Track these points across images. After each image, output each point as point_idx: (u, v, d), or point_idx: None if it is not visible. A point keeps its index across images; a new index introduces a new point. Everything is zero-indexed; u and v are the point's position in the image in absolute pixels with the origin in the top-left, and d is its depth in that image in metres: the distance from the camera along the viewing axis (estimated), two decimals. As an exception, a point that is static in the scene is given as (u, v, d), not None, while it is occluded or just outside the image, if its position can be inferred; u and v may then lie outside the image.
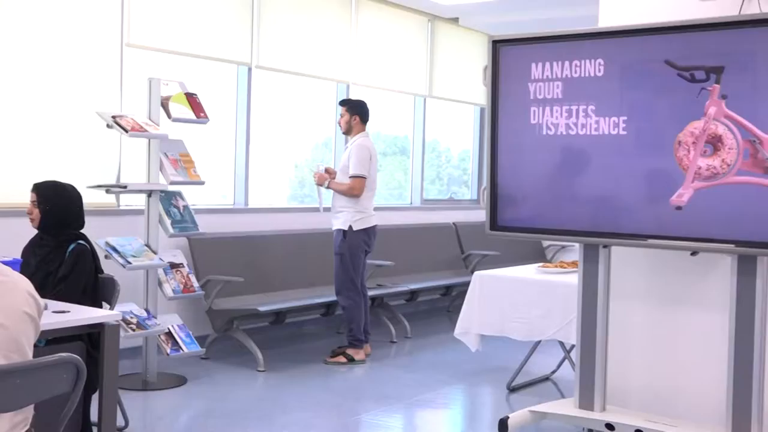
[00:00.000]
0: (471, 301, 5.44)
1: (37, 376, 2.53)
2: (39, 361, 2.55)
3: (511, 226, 4.37)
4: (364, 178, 6.26)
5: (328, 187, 6.35)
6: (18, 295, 2.63)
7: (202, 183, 5.77)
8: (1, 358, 2.51)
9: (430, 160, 9.52)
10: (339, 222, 6.32)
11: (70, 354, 2.60)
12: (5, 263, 2.84)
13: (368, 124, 6.48)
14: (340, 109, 6.52)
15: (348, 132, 6.49)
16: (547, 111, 4.15)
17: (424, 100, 9.16)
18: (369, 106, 6.53)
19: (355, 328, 6.37)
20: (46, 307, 2.84)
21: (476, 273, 5.54)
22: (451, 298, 8.71)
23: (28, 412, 2.62)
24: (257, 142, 7.27)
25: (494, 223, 4.37)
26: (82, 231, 4.21)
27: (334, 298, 6.50)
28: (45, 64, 5.67)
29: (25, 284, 2.69)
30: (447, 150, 10.30)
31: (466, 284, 5.76)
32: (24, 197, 4.27)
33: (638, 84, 4.00)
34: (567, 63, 4.08)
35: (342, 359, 6.32)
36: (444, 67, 9.29)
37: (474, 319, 5.40)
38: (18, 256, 4.01)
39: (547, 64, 4.13)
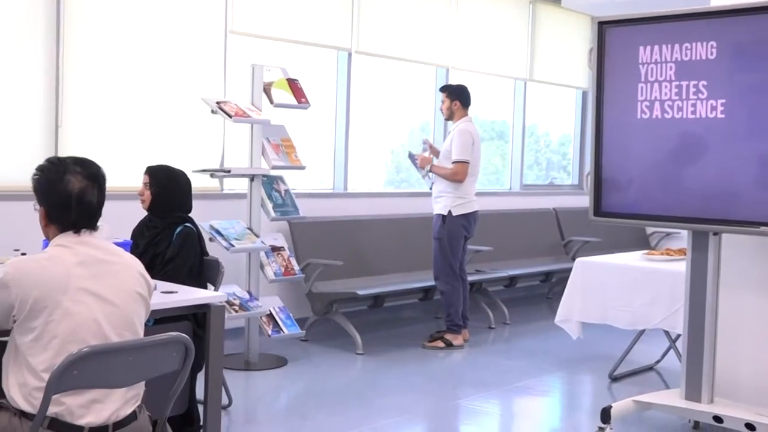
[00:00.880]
0: (572, 288, 5.35)
1: (148, 354, 2.62)
2: (150, 340, 2.64)
3: (616, 212, 4.27)
4: (467, 163, 6.22)
5: (430, 171, 6.33)
6: (130, 275, 2.72)
7: (303, 168, 5.85)
8: (114, 336, 2.61)
9: (528, 145, 9.39)
10: (439, 206, 6.31)
11: (179, 333, 2.67)
12: (117, 245, 2.94)
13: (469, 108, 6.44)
14: (441, 95, 6.48)
15: (450, 118, 6.45)
16: (655, 94, 4.03)
17: (525, 83, 9.03)
18: (469, 90, 6.48)
19: (453, 313, 6.36)
20: (155, 288, 2.92)
21: (578, 259, 5.45)
22: (551, 285, 8.60)
23: (140, 388, 2.71)
24: (355, 127, 7.31)
25: (598, 208, 4.29)
26: (189, 215, 4.31)
27: (432, 282, 6.49)
28: (153, 53, 5.83)
29: (137, 265, 2.78)
30: (546, 135, 10.14)
31: (566, 271, 5.68)
32: (133, 181, 4.40)
33: (752, 66, 3.84)
34: (677, 45, 3.95)
35: (440, 344, 6.32)
36: (545, 50, 9.14)
37: (575, 306, 5.32)
38: (128, 237, 4.15)
39: (656, 47, 4.02)
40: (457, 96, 6.39)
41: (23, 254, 3.78)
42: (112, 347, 2.54)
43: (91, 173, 2.67)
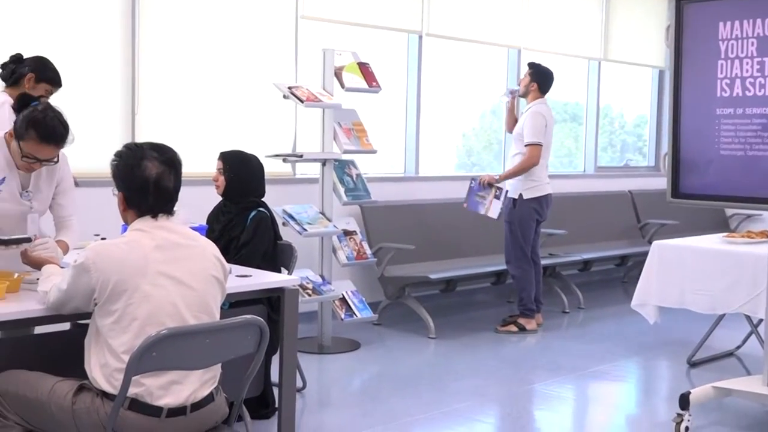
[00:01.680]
0: (649, 272, 5.25)
1: (224, 337, 2.66)
2: (226, 322, 2.68)
3: (694, 193, 4.17)
4: (540, 145, 6.13)
5: (502, 179, 6.19)
6: (206, 259, 2.76)
7: (375, 152, 5.86)
8: (191, 318, 2.65)
9: (602, 127, 9.22)
10: (510, 190, 6.25)
11: (254, 316, 2.71)
12: (193, 229, 2.99)
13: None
14: (527, 69, 6.39)
15: (524, 95, 6.37)
16: (736, 71, 3.91)
17: (599, 63, 8.87)
18: (553, 78, 6.37)
19: (525, 298, 6.30)
20: (230, 272, 2.96)
21: (655, 243, 5.34)
22: (627, 269, 8.46)
23: (216, 370, 2.76)
24: (426, 110, 7.28)
25: (676, 190, 4.19)
26: (263, 199, 4.36)
27: (504, 266, 6.45)
28: (225, 40, 5.90)
29: (213, 249, 2.82)
30: (620, 116, 9.94)
31: (643, 254, 5.57)
32: (207, 167, 4.46)
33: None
34: (759, 20, 3.82)
35: (513, 328, 6.28)
36: (620, 28, 8.95)
37: (652, 290, 5.22)
38: (203, 222, 4.21)
39: (737, 22, 3.89)
40: (538, 79, 6.28)
41: (103, 239, 3.88)
42: (190, 330, 2.59)
43: (168, 158, 2.72)
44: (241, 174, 4.29)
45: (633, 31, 9.11)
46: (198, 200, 4.35)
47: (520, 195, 6.17)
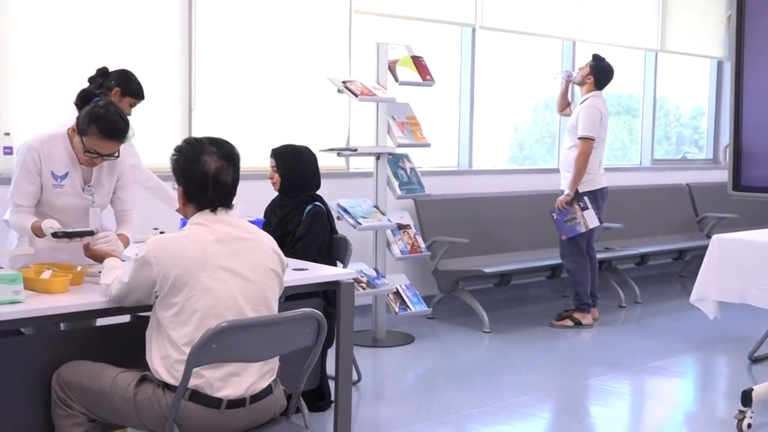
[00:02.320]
0: (709, 266, 5.15)
1: (282, 330, 2.68)
2: (284, 315, 2.70)
3: (757, 186, 4.08)
4: (592, 140, 6.05)
5: (572, 190, 6.04)
6: (264, 252, 2.78)
7: (429, 145, 5.85)
8: (250, 311, 2.68)
9: (657, 119, 9.07)
10: (565, 183, 6.18)
11: (312, 309, 2.72)
12: (250, 223, 3.01)
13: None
14: (589, 59, 6.31)
15: (580, 84, 6.28)
16: (800, 60, 3.82)
17: (656, 54, 8.73)
18: (613, 76, 6.27)
19: (581, 292, 6.24)
20: (287, 265, 2.98)
21: (715, 236, 5.23)
22: (684, 263, 8.33)
23: (275, 363, 2.78)
24: (479, 103, 7.23)
25: (737, 183, 4.11)
26: (318, 193, 4.38)
27: (559, 260, 6.39)
28: (280, 35, 5.93)
29: (270, 242, 2.84)
30: (675, 108, 9.77)
31: (701, 248, 5.48)
32: (262, 161, 4.49)
33: None
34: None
35: (569, 323, 6.22)
36: (677, 19, 8.78)
37: (712, 284, 5.12)
38: (260, 215, 4.25)
39: (801, 10, 3.80)
40: (597, 73, 6.17)
41: (161, 233, 3.94)
42: (249, 322, 2.61)
43: (226, 153, 2.74)
44: (295, 169, 4.31)
45: (691, 22, 8.93)
46: (254, 194, 4.38)
47: (576, 189, 6.10)
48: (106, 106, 3.21)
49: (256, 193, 4.44)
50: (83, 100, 3.30)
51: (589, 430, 4.33)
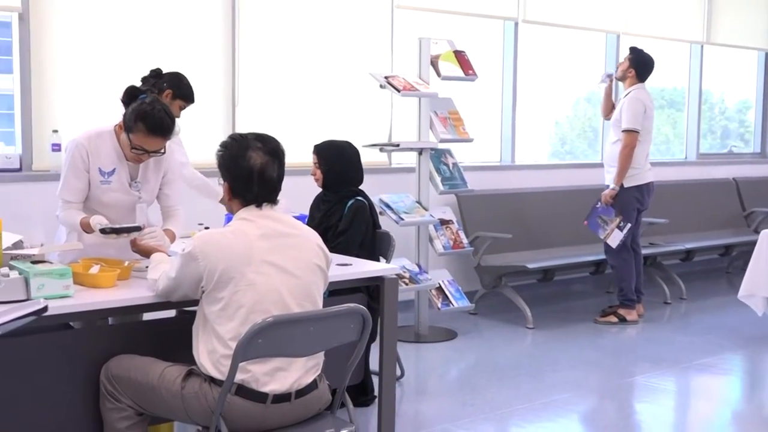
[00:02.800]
0: (757, 262, 5.07)
1: (327, 325, 2.68)
2: (330, 311, 2.70)
3: (808, 180, 3.99)
4: (636, 132, 5.97)
5: (617, 184, 5.98)
6: (309, 248, 2.79)
7: (471, 140, 5.81)
8: (295, 306, 2.68)
9: (702, 112, 8.92)
10: (610, 177, 6.10)
11: (357, 305, 2.72)
12: (294, 218, 3.02)
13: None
14: (627, 53, 6.23)
15: (621, 79, 6.21)
16: None
17: (701, 47, 8.59)
18: (654, 66, 6.18)
19: (625, 288, 6.17)
20: (331, 260, 2.97)
21: (763, 231, 5.15)
22: (731, 259, 8.20)
23: (320, 358, 2.78)
24: (521, 98, 7.18)
25: (788, 177, 4.02)
26: (361, 188, 4.37)
27: (603, 256, 6.32)
28: (322, 31, 5.94)
29: (315, 238, 2.85)
30: (720, 101, 9.60)
31: (748, 243, 5.40)
32: (306, 157, 4.50)
33: None
34: None
35: (613, 319, 6.15)
36: (724, 11, 8.63)
37: (761, 280, 5.04)
38: (303, 211, 4.26)
39: None
40: (637, 65, 6.10)
41: (206, 228, 3.97)
42: (295, 317, 2.61)
43: (272, 148, 2.75)
44: (337, 165, 4.31)
45: (738, 14, 8.77)
46: (297, 189, 4.39)
47: (621, 184, 6.03)
48: (152, 104, 3.23)
49: (299, 189, 4.45)
50: (130, 97, 3.33)
51: (635, 428, 4.28)
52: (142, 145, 3.24)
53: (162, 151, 3.32)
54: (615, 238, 6.00)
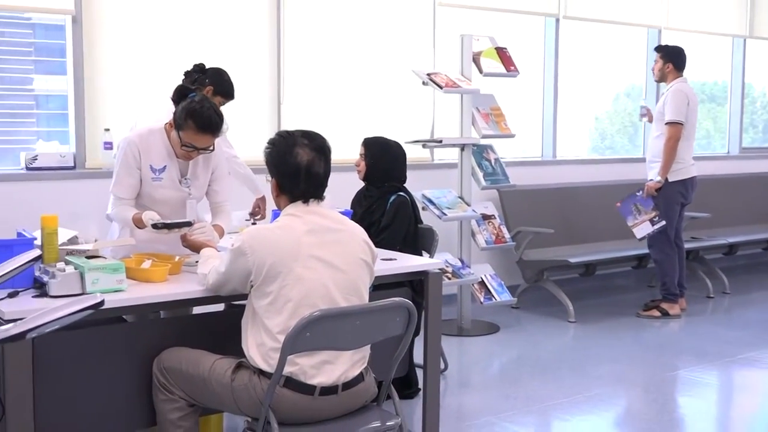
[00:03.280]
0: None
1: (374, 318, 2.68)
2: (376, 305, 2.70)
3: None
4: (681, 124, 5.89)
5: (663, 176, 5.89)
6: (355, 242, 2.79)
7: (513, 136, 5.78)
8: (342, 300, 2.69)
9: (744, 107, 8.75)
10: (653, 172, 6.03)
11: (403, 299, 2.72)
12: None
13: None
14: (655, 56, 6.17)
15: (661, 79, 6.14)
16: None
17: (744, 41, 8.43)
18: (685, 53, 6.12)
19: (668, 282, 6.09)
20: (377, 255, 2.98)
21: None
22: (774, 253, 8.06)
23: (366, 351, 2.79)
24: (562, 93, 7.11)
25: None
26: (404, 184, 4.37)
27: (646, 250, 6.25)
28: (365, 29, 5.94)
29: (361, 233, 2.85)
30: (762, 95, 9.42)
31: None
32: (349, 154, 4.51)
33: None
34: None
35: (656, 313, 6.08)
36: (766, 4, 8.46)
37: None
38: (347, 207, 4.27)
39: None
40: (671, 58, 6.05)
41: (254, 224, 4.00)
42: (341, 311, 2.62)
43: (318, 145, 2.76)
44: (382, 160, 4.31)
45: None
46: (340, 186, 4.40)
47: (666, 177, 5.95)
48: (201, 102, 3.26)
49: (341, 185, 4.46)
50: (180, 95, 3.37)
51: (679, 422, 4.22)
52: (192, 142, 3.27)
53: (211, 148, 3.35)
54: (642, 230, 5.93)
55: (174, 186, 3.44)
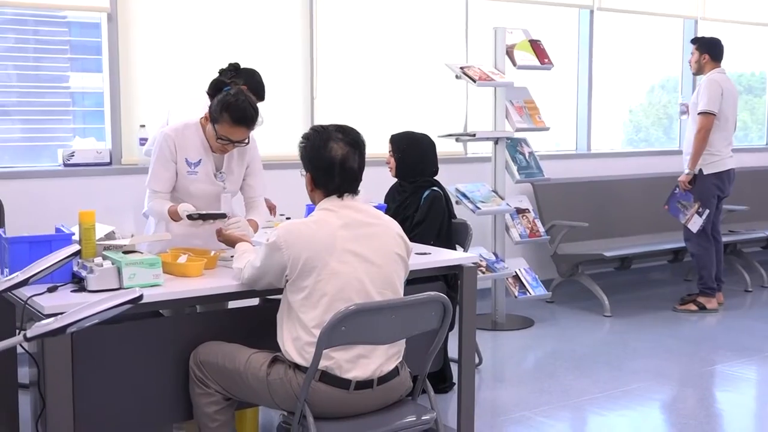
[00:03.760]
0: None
1: (409, 313, 2.68)
2: (411, 299, 2.69)
3: None
4: (712, 114, 5.80)
5: (692, 168, 5.82)
6: (390, 237, 2.79)
7: (547, 129, 5.74)
8: (377, 294, 2.69)
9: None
10: (687, 165, 5.95)
11: (438, 293, 2.71)
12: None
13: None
14: (691, 48, 6.09)
15: (699, 71, 6.05)
16: None
17: (783, 30, 8.30)
18: (722, 43, 6.03)
19: (705, 276, 6.01)
20: (412, 249, 2.97)
21: None
22: (814, 246, 7.92)
23: (401, 345, 2.78)
24: (596, 86, 7.05)
25: None
26: (436, 178, 4.36)
27: (682, 244, 6.18)
28: (396, 23, 5.92)
29: (396, 227, 2.84)
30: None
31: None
32: (382, 148, 4.50)
33: None
34: None
35: (692, 307, 6.01)
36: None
37: None
38: (381, 201, 4.26)
39: None
40: (708, 49, 5.96)
41: (288, 218, 4.01)
42: (377, 305, 2.62)
43: (353, 140, 2.76)
44: (410, 154, 4.30)
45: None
46: (374, 180, 4.40)
47: (700, 170, 5.87)
48: (236, 95, 3.27)
49: (375, 180, 4.45)
50: (215, 89, 3.38)
51: (717, 417, 4.17)
52: (227, 135, 3.28)
53: (246, 141, 3.36)
54: (695, 223, 5.86)
55: (209, 180, 3.45)
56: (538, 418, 4.01)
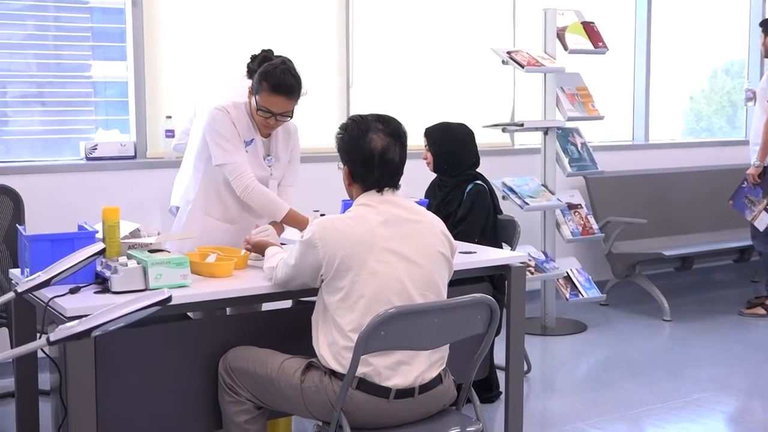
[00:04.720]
0: None
1: (453, 316, 2.66)
2: (455, 301, 2.68)
3: None
4: (783, 101, 5.72)
5: (762, 160, 5.75)
6: (433, 235, 2.77)
7: (602, 118, 5.70)
8: (418, 296, 2.68)
9: None
10: (756, 156, 5.87)
11: (484, 295, 2.69)
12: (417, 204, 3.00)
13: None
14: (760, 30, 5.99)
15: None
16: None
17: None
18: None
19: (774, 277, 5.95)
20: (456, 248, 2.95)
21: None
22: None
23: (444, 351, 2.77)
24: (654, 71, 6.97)
25: None
26: (481, 171, 4.33)
27: (749, 242, 6.11)
28: (438, 5, 5.90)
29: (439, 225, 2.83)
30: None
31: None
32: (422, 140, 4.49)
33: None
34: None
35: (760, 311, 5.95)
36: None
37: None
38: (421, 196, 4.25)
39: None
40: None
41: (322, 214, 4.00)
42: (418, 308, 2.61)
43: (393, 130, 2.74)
44: (447, 145, 4.29)
45: None
46: (415, 174, 4.38)
47: (765, 160, 5.79)
48: (275, 63, 3.29)
49: (416, 174, 4.44)
50: (261, 63, 3.38)
51: (788, 431, 4.11)
52: (266, 105, 3.28)
53: (289, 115, 3.35)
54: (763, 221, 5.79)
55: (258, 163, 3.43)
56: (591, 431, 3.98)
